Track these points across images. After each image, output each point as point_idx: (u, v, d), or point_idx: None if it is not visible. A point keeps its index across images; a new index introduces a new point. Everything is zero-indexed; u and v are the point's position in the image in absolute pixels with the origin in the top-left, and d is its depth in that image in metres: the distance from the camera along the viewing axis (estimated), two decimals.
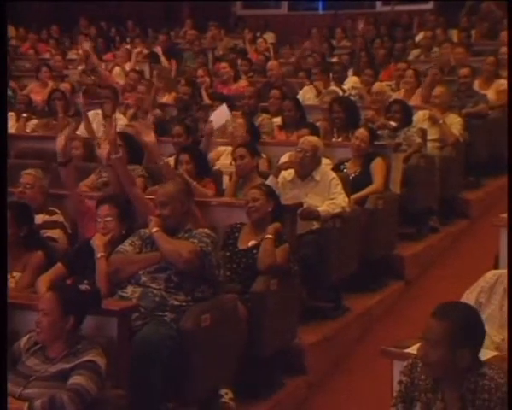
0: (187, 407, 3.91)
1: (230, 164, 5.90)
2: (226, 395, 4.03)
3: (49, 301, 3.17)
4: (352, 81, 8.79)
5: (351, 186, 5.60)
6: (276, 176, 5.38)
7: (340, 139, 6.58)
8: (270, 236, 4.38)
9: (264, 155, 6.07)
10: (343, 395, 4.63)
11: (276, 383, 4.44)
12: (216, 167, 5.97)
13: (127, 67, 9.56)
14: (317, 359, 4.80)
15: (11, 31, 12.87)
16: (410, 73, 8.09)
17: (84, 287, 3.61)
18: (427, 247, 6.49)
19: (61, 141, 4.73)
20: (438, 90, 7.15)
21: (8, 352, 3.17)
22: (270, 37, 12.63)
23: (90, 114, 7.37)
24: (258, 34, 12.40)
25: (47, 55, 11.04)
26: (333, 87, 8.27)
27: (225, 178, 5.75)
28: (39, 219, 4.64)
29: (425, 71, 8.40)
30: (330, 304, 5.32)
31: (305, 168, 5.33)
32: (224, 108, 6.65)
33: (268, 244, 4.36)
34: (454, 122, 7.03)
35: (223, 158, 6.15)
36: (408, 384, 2.67)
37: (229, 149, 6.08)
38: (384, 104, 7.08)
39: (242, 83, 8.76)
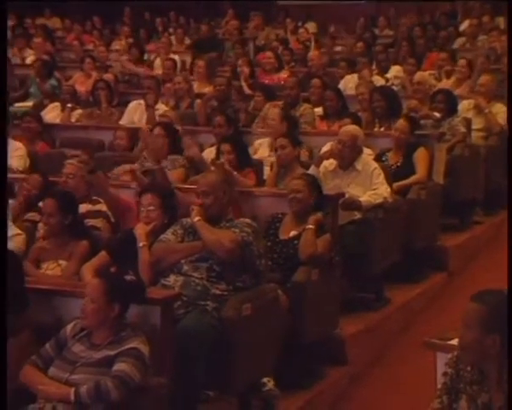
0: (228, 396, 3.95)
1: (269, 155, 5.90)
2: (269, 382, 4.04)
3: (95, 287, 3.22)
4: (394, 70, 8.71)
5: (393, 176, 5.56)
6: (318, 166, 5.35)
7: (381, 129, 6.52)
8: (311, 226, 4.37)
9: (304, 145, 6.05)
10: (385, 387, 4.61)
11: (317, 374, 4.43)
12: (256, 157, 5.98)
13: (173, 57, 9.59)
14: (359, 350, 4.78)
15: (57, 22, 13.06)
16: (462, 62, 7.98)
17: (129, 277, 3.65)
18: (471, 238, 6.41)
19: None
20: (483, 78, 7.04)
21: (54, 338, 3.23)
22: (311, 26, 12.56)
23: (133, 104, 7.44)
24: (299, 24, 12.35)
25: (91, 46, 11.16)
26: (375, 76, 8.20)
27: (266, 169, 5.75)
28: (83, 208, 4.69)
29: (471, 60, 8.27)
30: (372, 295, 5.29)
31: (346, 158, 5.29)
32: None
33: (309, 234, 4.35)
34: (500, 111, 6.91)
35: (261, 150, 6.15)
36: (453, 376, 2.65)
37: (267, 140, 6.08)
38: (427, 94, 6.99)
39: (284, 73, 8.74)
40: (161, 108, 7.29)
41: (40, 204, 4.59)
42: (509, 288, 3.09)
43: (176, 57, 9.71)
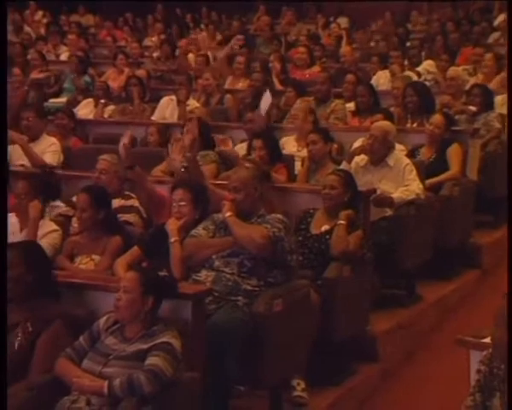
0: (259, 391, 3.95)
1: (298, 150, 5.89)
2: (298, 385, 4.04)
3: (131, 279, 3.25)
4: (427, 65, 8.62)
5: (425, 172, 5.51)
6: (349, 162, 5.33)
7: (414, 125, 6.47)
8: (342, 222, 4.35)
9: (335, 141, 6.03)
10: (416, 384, 4.58)
11: (348, 370, 4.42)
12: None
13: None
14: (390, 346, 4.75)
15: (90, 19, 13.17)
16: (488, 56, 7.86)
17: (162, 273, 3.67)
18: (505, 235, 6.32)
19: (122, 148, 4.76)
20: None
21: (88, 331, 3.26)
22: (343, 21, 12.50)
23: (165, 100, 7.48)
24: (331, 19, 12.29)
25: (123, 43, 11.24)
26: (407, 72, 8.14)
27: (297, 164, 5.75)
28: (115, 203, 4.73)
29: (496, 53, 8.15)
30: (403, 292, 5.26)
31: (377, 154, 5.26)
32: (267, 94, 6.66)
33: (341, 230, 4.33)
34: None
35: (287, 146, 6.14)
36: (487, 374, 2.63)
37: (294, 136, 6.07)
38: (460, 89, 6.92)
39: (315, 68, 8.71)
40: (192, 103, 7.32)
41: (73, 198, 4.64)
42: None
43: (208, 53, 9.73)
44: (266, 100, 6.60)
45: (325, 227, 4.47)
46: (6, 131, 4.39)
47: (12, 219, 4.50)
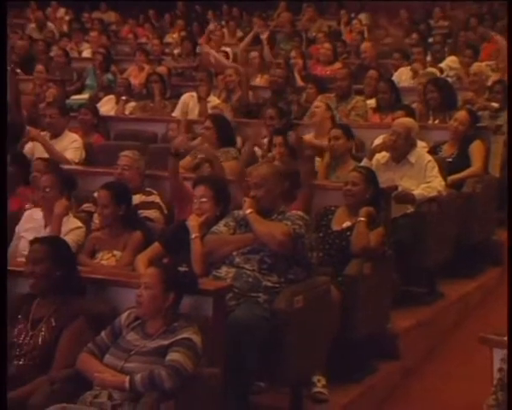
0: (280, 388, 3.95)
1: None
2: (319, 382, 4.03)
3: (152, 275, 3.26)
4: (449, 61, 8.56)
5: (447, 169, 5.47)
6: (370, 159, 5.31)
7: (436, 121, 6.43)
8: (363, 218, 4.34)
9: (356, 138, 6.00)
10: (438, 382, 4.55)
11: (369, 368, 4.41)
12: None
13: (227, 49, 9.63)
14: (411, 344, 4.73)
15: (112, 16, 13.23)
16: (503, 50, 7.79)
17: (182, 269, 3.68)
18: None
19: (182, 139, 4.85)
20: None
21: (109, 327, 3.28)
22: (365, 18, 12.43)
23: (186, 96, 7.49)
24: (352, 15, 12.23)
25: (144, 40, 11.28)
26: (430, 68, 8.08)
27: (317, 160, 5.73)
28: (136, 199, 4.75)
29: None
30: (424, 289, 5.23)
31: (399, 151, 5.24)
32: None
33: (361, 227, 4.32)
34: None
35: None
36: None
37: (312, 133, 6.06)
38: (483, 85, 6.85)
39: (336, 65, 8.67)
40: (213, 100, 7.33)
41: (95, 195, 4.67)
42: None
43: (228, 49, 9.74)
44: None
45: (346, 224, 4.46)
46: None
47: (36, 215, 4.53)
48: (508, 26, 8.08)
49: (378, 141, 5.63)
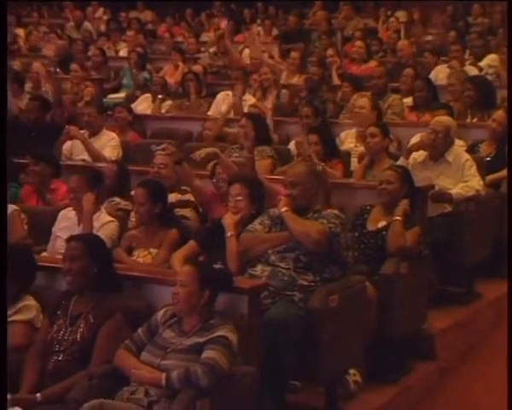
0: (315, 387, 3.94)
1: (355, 146, 5.84)
2: (354, 375, 4.02)
3: (187, 273, 3.28)
4: (489, 59, 8.44)
5: (485, 168, 5.40)
6: (407, 157, 5.27)
7: (474, 120, 6.35)
8: (398, 218, 4.31)
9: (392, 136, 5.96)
10: (475, 384, 4.50)
11: (405, 368, 4.38)
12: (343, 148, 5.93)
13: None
14: (449, 344, 4.69)
15: (148, 15, 13.32)
16: None
17: (217, 266, 3.70)
18: None
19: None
20: None
21: (146, 324, 3.30)
22: (401, 15, 12.32)
23: (221, 95, 7.51)
24: (389, 13, 12.13)
25: (181, 38, 11.34)
26: (468, 66, 7.98)
27: (353, 160, 5.70)
28: (172, 197, 4.78)
29: None
30: (462, 289, 5.17)
31: (437, 149, 5.19)
32: None
33: (397, 226, 4.29)
34: None
35: (348, 141, 6.10)
36: None
37: (353, 131, 6.02)
38: None
39: (372, 63, 8.62)
40: (249, 98, 7.34)
41: (132, 193, 4.71)
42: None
43: (263, 48, 9.73)
44: None
45: (382, 223, 4.43)
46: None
47: (69, 214, 4.59)
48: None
49: (415, 139, 5.59)
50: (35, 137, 6.22)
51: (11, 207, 4.60)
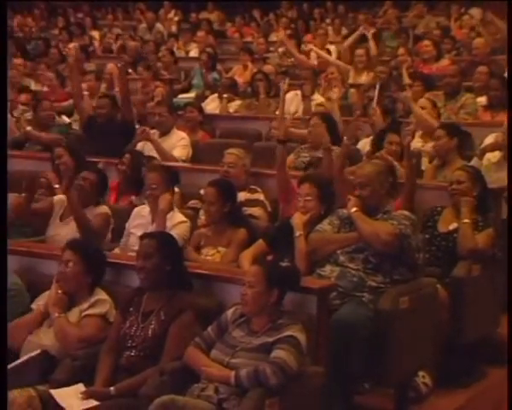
0: (384, 388, 3.90)
1: (422, 146, 5.74)
2: (423, 378, 3.96)
3: (255, 273, 3.29)
4: None
5: None
6: (481, 158, 5.16)
7: None
8: (466, 220, 4.23)
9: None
10: None
11: (477, 373, 4.28)
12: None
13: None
14: None
15: (218, 16, 13.43)
16: None
17: (285, 264, 3.70)
18: None
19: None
20: None
21: (216, 322, 3.32)
22: (476, 12, 12.05)
23: (290, 94, 7.50)
24: (462, 10, 11.89)
25: (250, 38, 11.38)
26: None
27: (424, 160, 5.61)
28: (241, 196, 4.80)
29: None
30: None
31: None
32: None
33: (466, 229, 4.22)
34: None
35: (415, 141, 6.00)
36: None
37: (420, 132, 5.92)
38: None
39: (444, 62, 8.45)
40: (318, 98, 7.31)
41: (201, 192, 4.75)
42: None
43: (332, 47, 9.68)
44: None
45: (453, 225, 4.36)
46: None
47: (144, 211, 4.66)
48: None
49: (489, 140, 5.45)
50: (107, 135, 6.34)
51: (103, 209, 4.70)
